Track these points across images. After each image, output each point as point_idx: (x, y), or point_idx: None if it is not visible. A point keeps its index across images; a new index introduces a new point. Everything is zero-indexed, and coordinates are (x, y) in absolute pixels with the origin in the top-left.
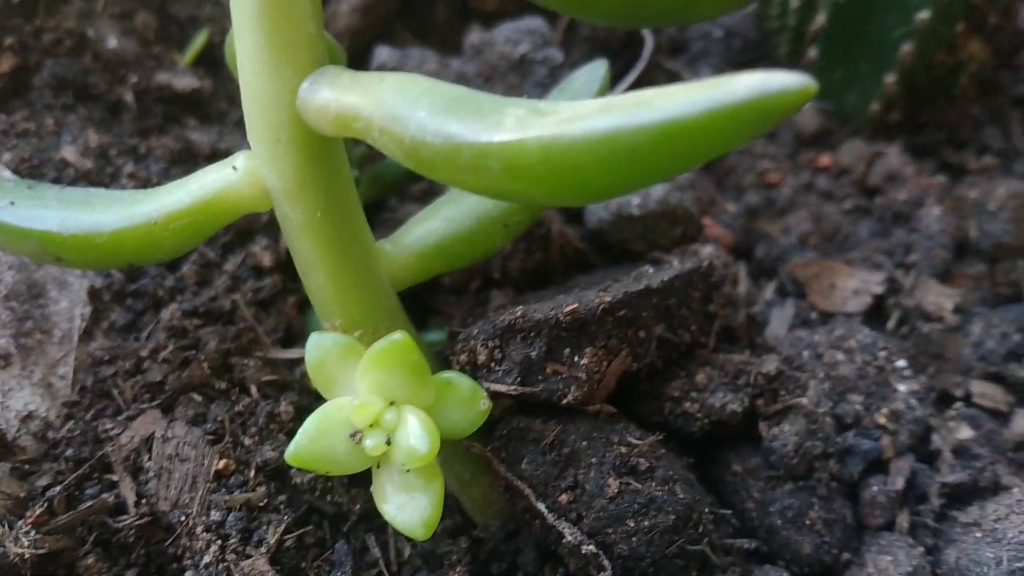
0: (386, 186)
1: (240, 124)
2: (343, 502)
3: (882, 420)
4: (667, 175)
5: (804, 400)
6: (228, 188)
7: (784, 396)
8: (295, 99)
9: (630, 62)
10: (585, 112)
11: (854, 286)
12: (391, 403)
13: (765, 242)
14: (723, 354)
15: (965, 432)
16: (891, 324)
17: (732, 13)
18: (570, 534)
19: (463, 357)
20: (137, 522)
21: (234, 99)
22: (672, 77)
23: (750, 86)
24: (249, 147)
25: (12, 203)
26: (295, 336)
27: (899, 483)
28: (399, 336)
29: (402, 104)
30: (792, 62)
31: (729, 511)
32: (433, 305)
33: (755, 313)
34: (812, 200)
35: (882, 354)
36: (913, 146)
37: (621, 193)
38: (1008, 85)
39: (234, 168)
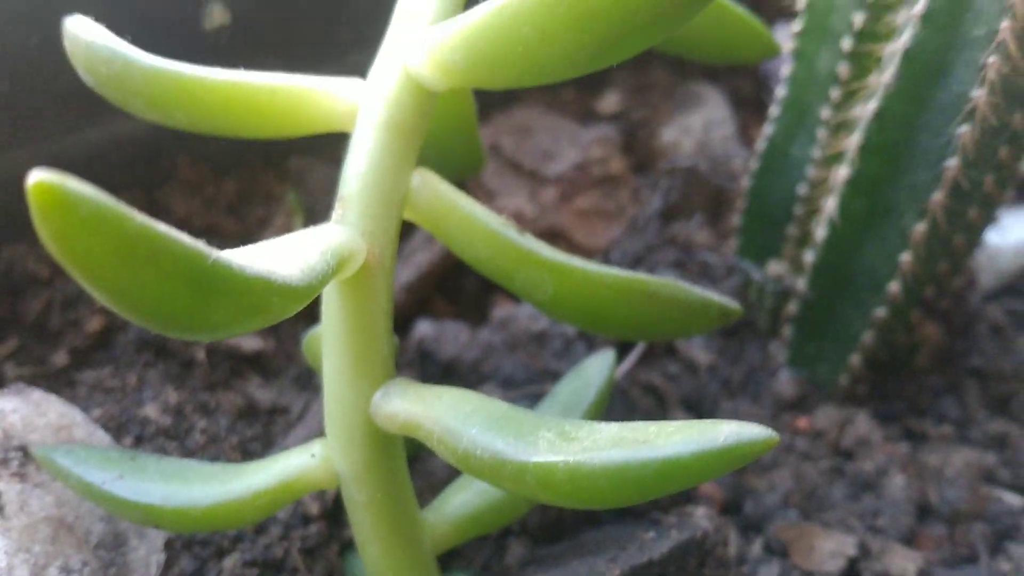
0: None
1: (297, 380)
2: None
3: None
4: (663, 495)
5: None
6: (306, 472)
7: None
8: (369, 406)
9: None
10: (602, 443)
11: (831, 548)
12: None
13: (753, 498)
14: None
15: None
16: None
17: (718, 289)
18: None
19: None
20: None
21: (292, 357)
22: (669, 346)
23: (728, 434)
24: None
25: (121, 476)
26: None
27: None
28: None
29: (456, 420)
30: (771, 335)
31: None
32: (455, 548)
33: (744, 573)
34: (792, 460)
35: None
36: (880, 413)
37: (632, 504)
38: (964, 356)
39: (312, 455)
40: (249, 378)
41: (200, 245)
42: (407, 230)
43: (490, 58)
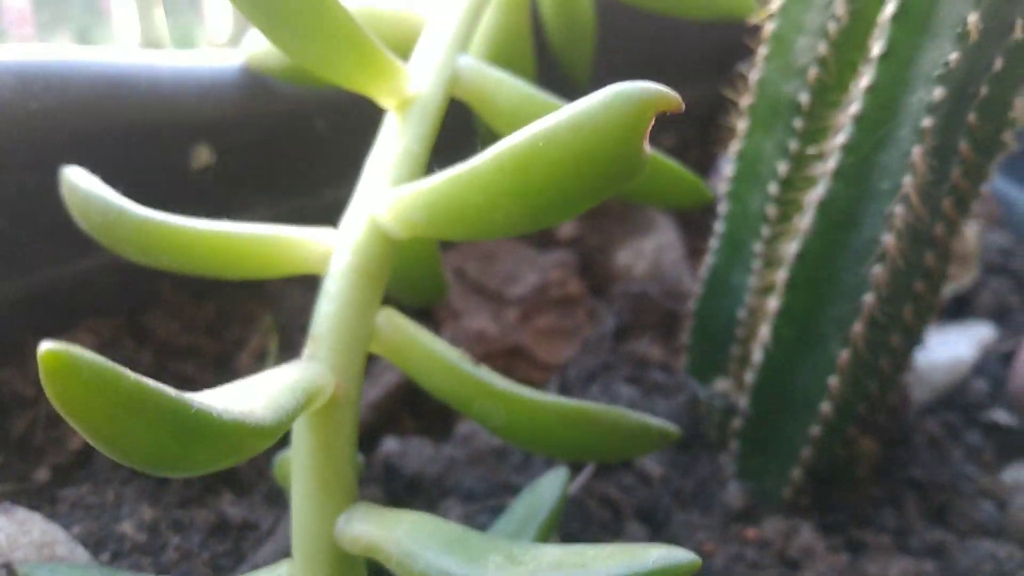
0: None
1: (267, 497)
2: None
3: None
4: None
5: None
6: None
7: None
8: (334, 529)
9: None
10: (545, 566)
11: None
12: None
13: None
14: None
15: None
16: None
17: (670, 403)
18: None
19: None
20: None
21: (262, 472)
22: (623, 460)
23: (656, 558)
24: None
25: None
26: None
27: None
28: None
29: (414, 543)
30: (720, 447)
31: None
32: None
33: None
34: (742, 570)
35: None
36: (823, 523)
37: None
38: (901, 468)
39: None
40: (221, 494)
41: (183, 396)
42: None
43: (446, 217)
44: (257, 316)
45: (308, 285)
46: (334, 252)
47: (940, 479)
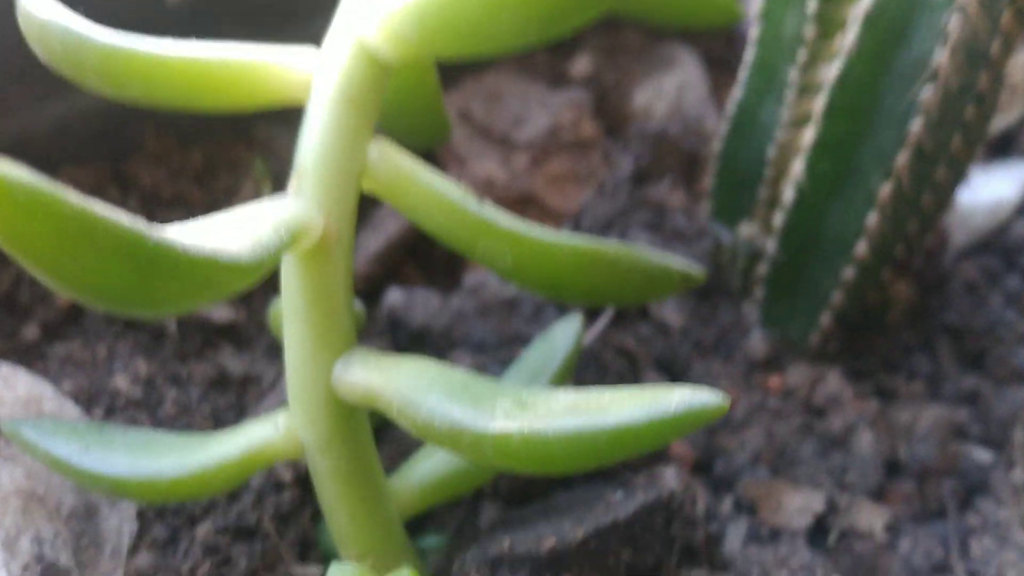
0: None
1: (267, 351)
2: None
3: None
4: (617, 461)
5: None
6: (270, 443)
7: None
8: (331, 377)
9: None
10: (557, 410)
11: (798, 505)
12: None
13: (724, 457)
14: (684, 569)
15: None
16: (831, 540)
17: (691, 251)
18: None
19: None
20: None
21: (263, 327)
22: (640, 309)
23: (680, 401)
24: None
25: (87, 448)
26: (310, 546)
27: None
28: (406, 573)
29: (416, 390)
30: (743, 295)
31: None
32: (430, 510)
33: (713, 530)
34: (764, 419)
35: (820, 572)
36: (851, 370)
37: (587, 470)
38: (937, 312)
39: (276, 426)
40: (221, 348)
41: (141, 224)
42: (375, 200)
43: (440, 30)
44: (247, 163)
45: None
46: (316, 77)
47: (977, 325)
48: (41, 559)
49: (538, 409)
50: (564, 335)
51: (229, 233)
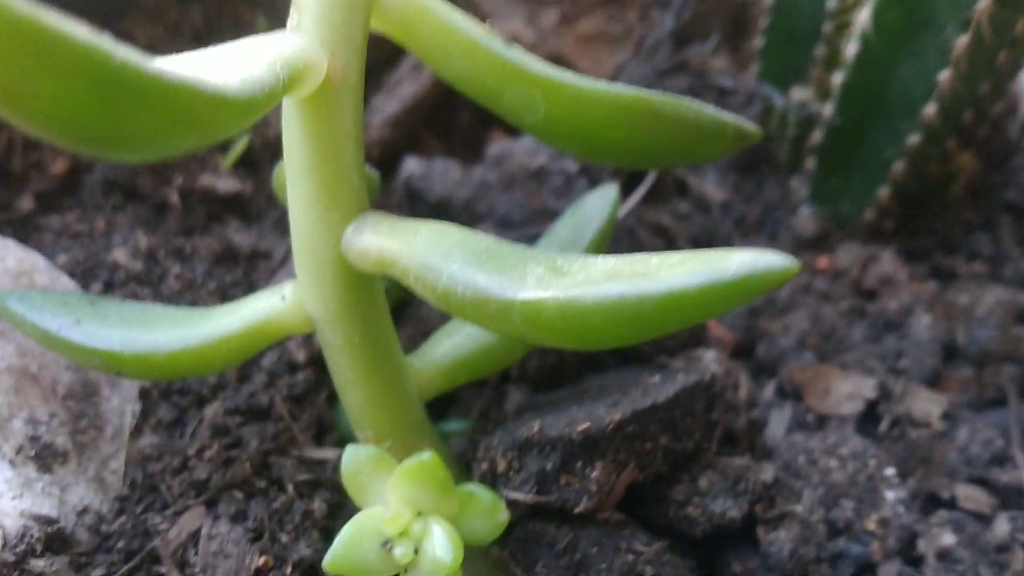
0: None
1: (277, 224)
2: None
3: (871, 526)
4: (665, 332)
5: (799, 508)
6: (276, 315)
7: (780, 503)
8: (340, 243)
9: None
10: (596, 277)
11: (848, 390)
12: (419, 513)
13: (766, 341)
14: (725, 457)
15: (949, 537)
16: (882, 428)
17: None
18: None
19: (484, 466)
20: None
21: (272, 199)
22: (679, 182)
23: (741, 264)
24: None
25: (78, 321)
26: (326, 429)
27: None
28: (428, 456)
29: (435, 256)
30: (792, 168)
31: None
32: (453, 395)
33: (755, 416)
34: (810, 301)
35: (872, 462)
36: (906, 250)
37: (627, 344)
38: (999, 189)
39: (282, 297)
40: (227, 222)
41: (105, 40)
42: (391, 58)
43: None
44: (250, 20)
45: None
46: None
47: None
48: (36, 441)
49: (575, 275)
50: (598, 205)
51: (217, 66)
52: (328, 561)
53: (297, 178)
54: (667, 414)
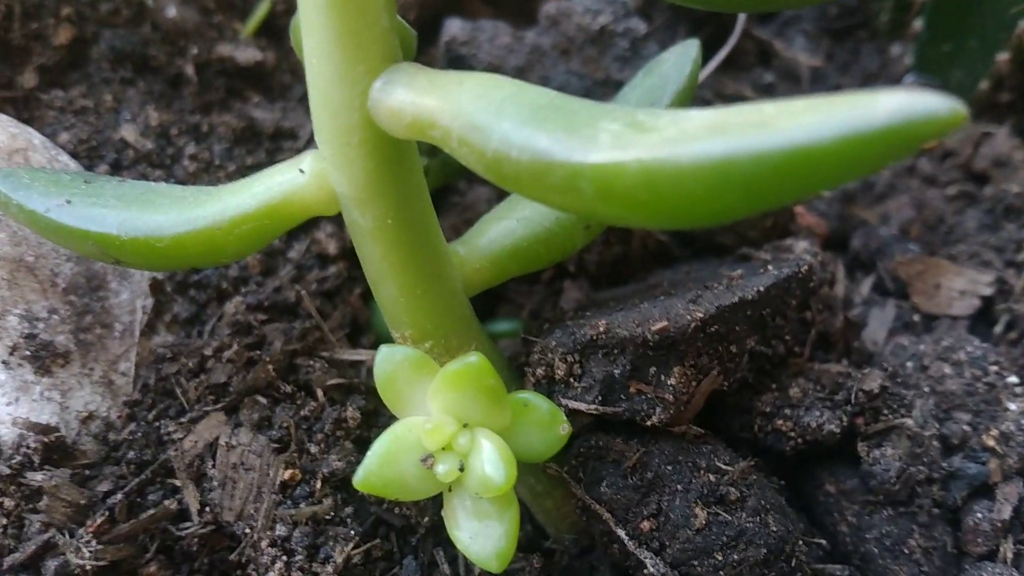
0: (455, 171)
1: (304, 99)
2: (411, 514)
3: (991, 442)
4: (785, 203)
5: (909, 421)
6: (295, 192)
7: (887, 415)
8: (367, 100)
9: (716, 30)
10: (693, 132)
11: (961, 287)
12: (464, 425)
13: (862, 231)
14: (818, 363)
15: None
16: (999, 329)
17: None
18: (652, 564)
19: (540, 371)
20: (200, 531)
21: (297, 72)
22: (762, 47)
23: (892, 110)
24: (313, 135)
25: (69, 201)
26: (361, 329)
27: (1006, 510)
28: (475, 359)
29: (484, 112)
30: (893, 32)
31: (819, 534)
32: (501, 292)
33: (853, 316)
34: (914, 185)
35: (993, 369)
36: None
37: (730, 220)
38: None
39: (301, 171)
40: (248, 97)
41: None
42: None
43: None
44: None
45: None
46: None
47: None
48: (33, 339)
49: (663, 131)
50: (676, 64)
51: None
52: (360, 478)
53: (314, 20)
54: (756, 311)
